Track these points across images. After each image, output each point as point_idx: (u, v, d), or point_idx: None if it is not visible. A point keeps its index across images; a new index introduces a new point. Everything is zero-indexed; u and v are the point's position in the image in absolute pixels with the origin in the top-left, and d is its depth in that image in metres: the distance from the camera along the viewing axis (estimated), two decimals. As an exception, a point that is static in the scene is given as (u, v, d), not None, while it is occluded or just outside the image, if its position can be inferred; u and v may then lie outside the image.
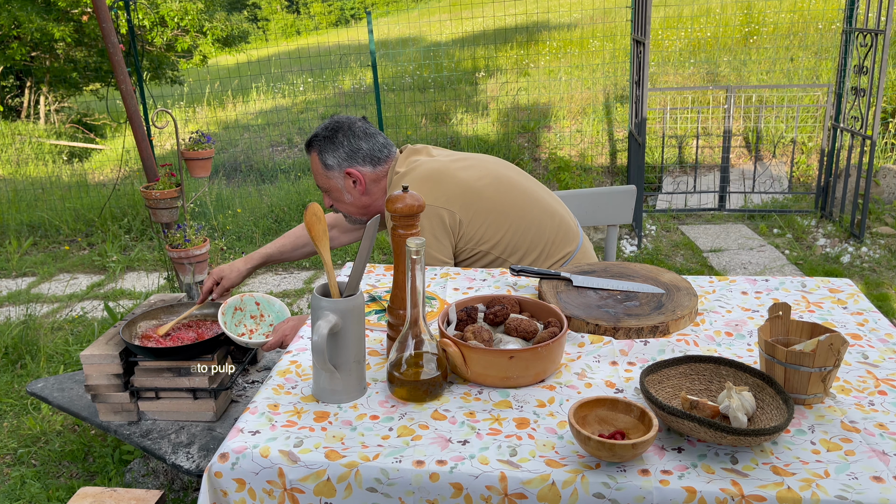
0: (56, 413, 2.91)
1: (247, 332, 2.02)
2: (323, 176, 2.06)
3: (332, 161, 2.03)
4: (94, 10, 2.90)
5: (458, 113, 8.02)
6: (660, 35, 9.13)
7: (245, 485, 1.14)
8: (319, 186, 2.08)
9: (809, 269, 4.23)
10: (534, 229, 2.01)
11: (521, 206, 2.01)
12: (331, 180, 2.05)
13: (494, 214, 1.97)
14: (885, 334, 1.49)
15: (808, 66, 7.80)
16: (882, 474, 1.04)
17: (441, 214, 1.93)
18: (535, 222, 2.02)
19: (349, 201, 2.09)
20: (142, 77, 5.90)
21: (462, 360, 1.30)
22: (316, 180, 2.08)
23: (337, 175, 2.04)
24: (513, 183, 2.05)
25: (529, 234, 2.00)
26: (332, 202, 2.13)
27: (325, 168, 2.04)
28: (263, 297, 2.10)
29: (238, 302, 2.05)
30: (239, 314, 2.04)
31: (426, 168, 1.98)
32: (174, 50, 10.16)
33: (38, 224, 5.68)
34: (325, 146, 2.03)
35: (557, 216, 2.08)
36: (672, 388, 1.26)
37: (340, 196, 2.09)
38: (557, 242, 2.05)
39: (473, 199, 1.96)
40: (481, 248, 1.99)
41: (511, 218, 1.99)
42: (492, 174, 2.03)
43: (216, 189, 6.16)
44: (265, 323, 2.06)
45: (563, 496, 1.05)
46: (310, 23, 28.64)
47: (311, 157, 2.07)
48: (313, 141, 2.05)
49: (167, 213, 2.78)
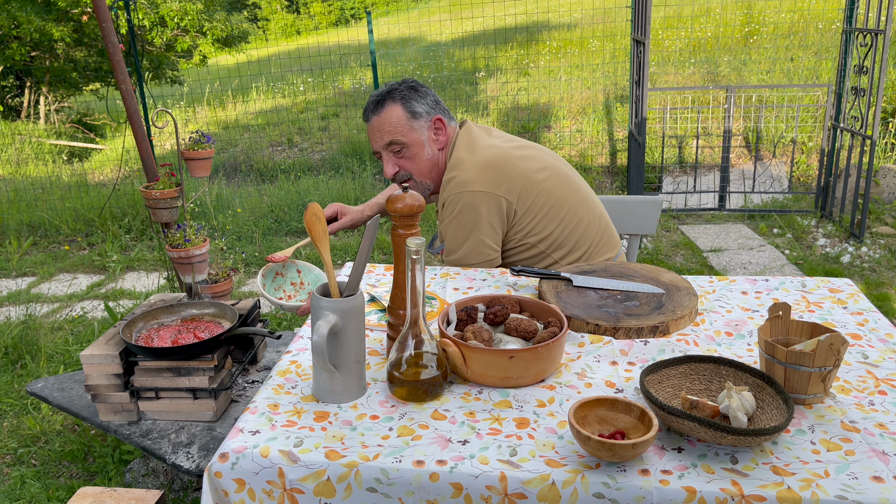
0: (56, 413, 2.91)
1: (285, 297, 2.03)
2: (406, 127, 1.96)
3: (420, 108, 1.97)
4: (94, 10, 2.90)
5: (458, 113, 8.02)
6: (660, 35, 9.13)
7: (245, 485, 1.14)
8: (395, 142, 1.97)
9: (809, 269, 4.23)
10: (581, 229, 2.01)
11: (573, 203, 2.00)
12: (414, 132, 1.97)
13: (548, 208, 1.96)
14: (885, 334, 1.49)
15: (808, 65, 7.80)
16: (882, 474, 1.04)
17: (500, 203, 1.91)
18: (584, 222, 2.02)
19: (427, 157, 2.00)
20: (142, 77, 5.90)
21: (462, 360, 1.30)
22: (392, 136, 1.96)
23: (423, 125, 1.97)
24: (567, 179, 2.04)
25: (577, 234, 2.00)
26: (401, 165, 2.01)
27: (412, 116, 1.96)
28: (305, 265, 2.10)
29: (280, 267, 2.05)
30: (280, 279, 2.04)
31: (488, 154, 1.95)
32: (174, 50, 10.16)
33: (38, 224, 5.68)
34: (410, 95, 1.96)
35: (604, 220, 2.08)
36: (672, 388, 1.26)
37: (419, 151, 1.99)
38: (601, 246, 2.04)
39: (531, 190, 1.94)
40: (529, 241, 1.97)
41: (563, 214, 1.98)
42: (550, 167, 2.01)
43: (216, 189, 6.17)
44: (304, 291, 2.06)
45: (563, 496, 1.05)
46: (310, 23, 28.63)
47: (387, 109, 1.96)
48: (393, 93, 1.96)
49: (167, 212, 2.78)
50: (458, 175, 1.93)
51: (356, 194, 5.70)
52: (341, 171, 6.45)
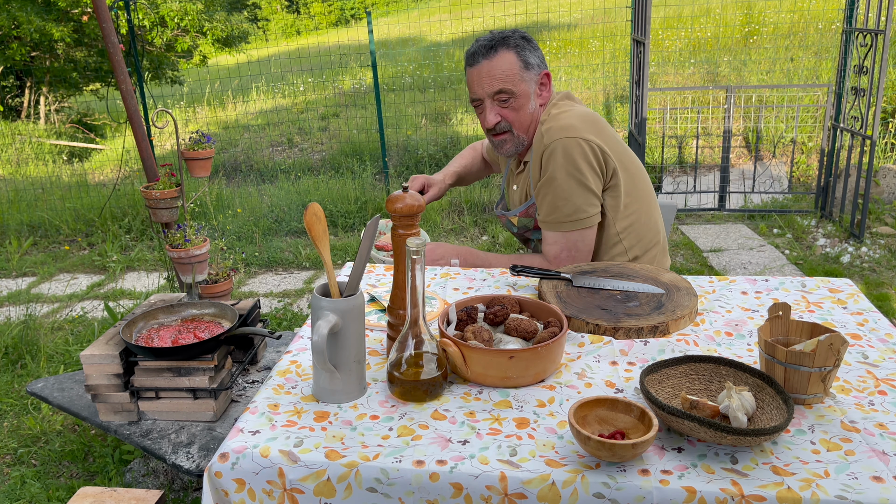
0: (56, 413, 2.91)
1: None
2: (518, 76, 1.89)
3: (533, 60, 1.91)
4: (94, 10, 2.90)
5: (458, 113, 8.02)
6: (660, 35, 9.14)
7: (245, 485, 1.14)
8: (505, 90, 1.89)
9: (809, 269, 4.23)
10: (654, 226, 2.01)
11: (651, 198, 2.01)
12: (524, 82, 1.90)
13: (634, 190, 1.94)
14: (885, 334, 1.49)
15: (808, 66, 7.80)
16: (882, 474, 1.04)
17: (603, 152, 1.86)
18: (656, 220, 2.02)
19: (530, 110, 1.93)
20: (142, 77, 5.90)
21: (462, 360, 1.30)
22: (502, 82, 1.89)
23: (533, 77, 1.92)
24: (647, 179, 2.04)
25: (651, 229, 1.99)
26: (504, 115, 1.93)
27: (525, 67, 1.90)
28: None
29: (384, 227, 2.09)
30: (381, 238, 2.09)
31: (588, 112, 1.93)
32: (174, 50, 10.16)
33: (38, 224, 5.68)
34: (524, 45, 1.90)
35: (663, 228, 2.08)
36: (672, 388, 1.26)
37: (525, 103, 1.92)
38: (657, 256, 2.03)
39: (624, 161, 1.92)
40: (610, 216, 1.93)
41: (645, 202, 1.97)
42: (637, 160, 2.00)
43: (216, 189, 6.16)
44: None
45: (563, 496, 1.05)
46: (310, 23, 28.64)
47: (500, 55, 1.88)
48: (507, 40, 1.89)
49: (167, 213, 2.79)
50: (555, 123, 1.89)
51: (356, 194, 5.70)
52: (341, 171, 6.45)
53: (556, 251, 1.90)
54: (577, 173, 1.84)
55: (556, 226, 1.89)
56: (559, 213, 1.88)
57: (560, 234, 1.89)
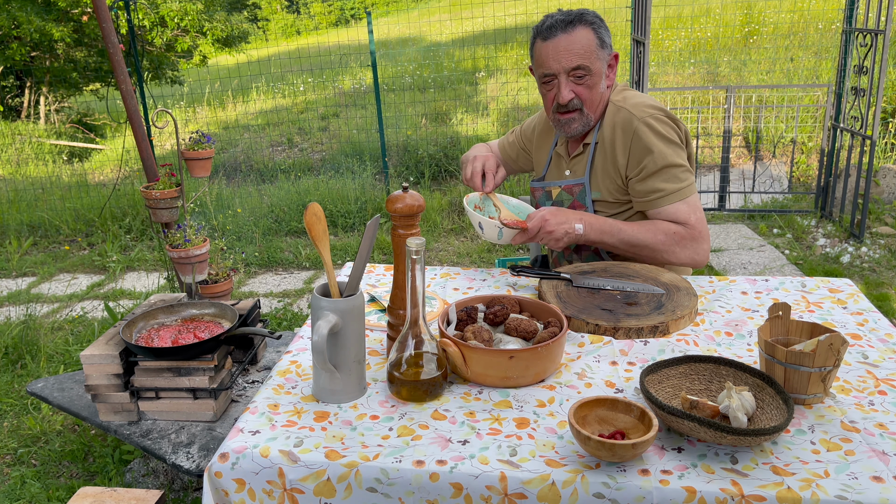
0: (56, 413, 2.91)
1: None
2: (595, 54, 1.85)
3: (608, 39, 1.88)
4: (94, 10, 2.90)
5: (458, 113, 8.02)
6: (660, 35, 9.14)
7: (245, 485, 1.14)
8: (583, 67, 1.84)
9: (809, 269, 4.23)
10: None
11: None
12: (599, 60, 1.87)
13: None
14: (885, 334, 1.49)
15: (808, 66, 7.80)
16: (882, 474, 1.04)
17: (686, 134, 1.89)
18: None
19: (601, 90, 1.90)
20: (142, 77, 5.90)
21: (462, 360, 1.30)
22: (580, 58, 1.84)
23: (605, 57, 1.89)
24: None
25: None
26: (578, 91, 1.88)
27: (601, 45, 1.86)
28: (503, 197, 1.99)
29: (478, 200, 1.94)
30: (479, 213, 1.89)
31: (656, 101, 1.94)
32: (174, 50, 10.16)
33: (38, 224, 5.68)
34: (599, 24, 1.86)
35: None
36: (672, 388, 1.26)
37: (597, 82, 1.89)
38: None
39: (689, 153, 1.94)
40: None
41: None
42: None
43: (216, 189, 6.17)
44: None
45: (563, 496, 1.05)
46: (310, 23, 28.65)
47: (579, 31, 1.83)
48: (585, 16, 1.86)
49: (167, 213, 2.79)
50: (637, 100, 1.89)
51: (356, 194, 5.70)
52: (341, 171, 6.45)
53: (694, 218, 1.85)
54: (674, 146, 1.85)
55: (678, 195, 1.84)
56: (674, 184, 1.84)
57: (683, 203, 1.85)
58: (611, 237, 1.82)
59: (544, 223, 1.75)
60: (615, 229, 1.82)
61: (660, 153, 1.83)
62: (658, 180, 1.84)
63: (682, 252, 1.82)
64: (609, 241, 1.83)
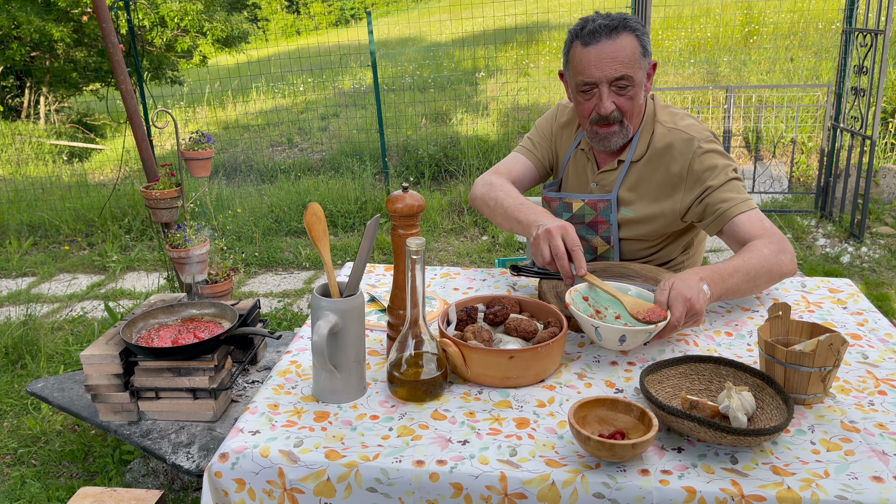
0: (56, 413, 2.91)
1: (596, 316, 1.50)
2: (637, 62, 1.72)
3: (649, 47, 1.75)
4: (94, 10, 2.90)
5: (458, 113, 8.02)
6: (660, 35, 9.14)
7: (245, 485, 1.14)
8: (626, 77, 1.71)
9: (809, 269, 4.23)
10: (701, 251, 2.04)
11: None
12: (641, 70, 1.74)
13: None
14: (885, 334, 1.49)
15: (808, 66, 7.80)
16: (882, 474, 1.04)
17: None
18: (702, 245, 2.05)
19: (640, 101, 1.78)
20: (142, 77, 5.90)
21: (462, 360, 1.30)
22: (626, 68, 1.70)
23: (646, 65, 1.76)
24: None
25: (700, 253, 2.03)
26: (620, 103, 1.75)
27: (643, 54, 1.73)
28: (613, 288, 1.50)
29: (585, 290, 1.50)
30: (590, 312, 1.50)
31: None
32: (174, 50, 10.16)
33: (38, 224, 5.68)
34: (642, 31, 1.73)
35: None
36: (672, 388, 1.26)
37: (638, 93, 1.76)
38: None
39: None
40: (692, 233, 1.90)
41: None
42: None
43: (216, 189, 6.16)
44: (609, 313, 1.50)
45: (563, 496, 1.05)
46: (310, 23, 28.65)
47: (623, 38, 1.69)
48: (629, 21, 1.72)
49: (167, 213, 2.79)
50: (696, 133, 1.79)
51: (356, 194, 5.70)
52: (341, 171, 6.45)
53: (768, 224, 1.72)
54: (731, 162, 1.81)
55: (747, 203, 1.75)
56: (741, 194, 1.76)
57: (754, 211, 1.74)
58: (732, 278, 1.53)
59: (688, 304, 1.38)
60: (730, 268, 1.54)
61: (723, 168, 1.77)
62: (726, 192, 1.75)
63: (785, 258, 1.61)
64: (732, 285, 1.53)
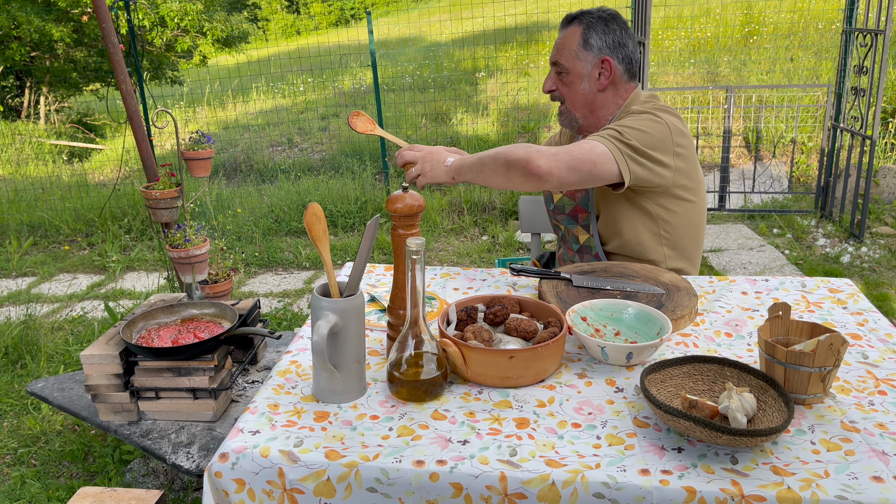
0: (56, 413, 2.91)
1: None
2: (573, 53, 1.86)
3: (595, 42, 1.85)
4: (94, 10, 2.90)
5: (458, 113, 8.03)
6: (660, 35, 9.14)
7: (245, 485, 1.13)
8: (558, 62, 1.89)
9: (809, 269, 4.23)
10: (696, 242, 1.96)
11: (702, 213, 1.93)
12: (578, 61, 1.86)
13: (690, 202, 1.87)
14: (885, 334, 1.49)
15: (808, 66, 7.80)
16: (882, 474, 1.04)
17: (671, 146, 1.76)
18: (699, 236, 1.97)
19: (582, 91, 1.89)
20: (142, 77, 5.90)
21: (462, 360, 1.30)
22: (558, 55, 1.89)
23: (590, 59, 1.86)
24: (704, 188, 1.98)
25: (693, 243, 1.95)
26: (557, 86, 1.93)
27: (583, 46, 1.85)
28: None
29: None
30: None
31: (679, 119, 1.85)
32: (174, 50, 10.16)
33: (38, 224, 5.68)
34: (595, 24, 1.86)
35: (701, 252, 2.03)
36: (674, 388, 1.26)
37: (576, 82, 1.88)
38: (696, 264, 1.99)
39: (693, 173, 1.86)
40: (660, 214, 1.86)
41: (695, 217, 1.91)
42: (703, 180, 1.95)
43: (216, 189, 6.17)
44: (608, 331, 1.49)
45: (563, 496, 1.05)
46: (310, 23, 28.65)
47: (570, 29, 1.87)
48: (583, 16, 1.87)
49: (167, 213, 2.79)
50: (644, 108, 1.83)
51: (356, 194, 5.71)
52: (341, 171, 6.45)
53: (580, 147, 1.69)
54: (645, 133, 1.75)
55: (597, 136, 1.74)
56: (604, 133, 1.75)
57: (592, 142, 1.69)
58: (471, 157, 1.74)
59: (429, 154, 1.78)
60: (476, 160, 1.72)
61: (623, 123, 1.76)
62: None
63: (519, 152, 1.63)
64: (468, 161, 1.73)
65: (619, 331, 1.47)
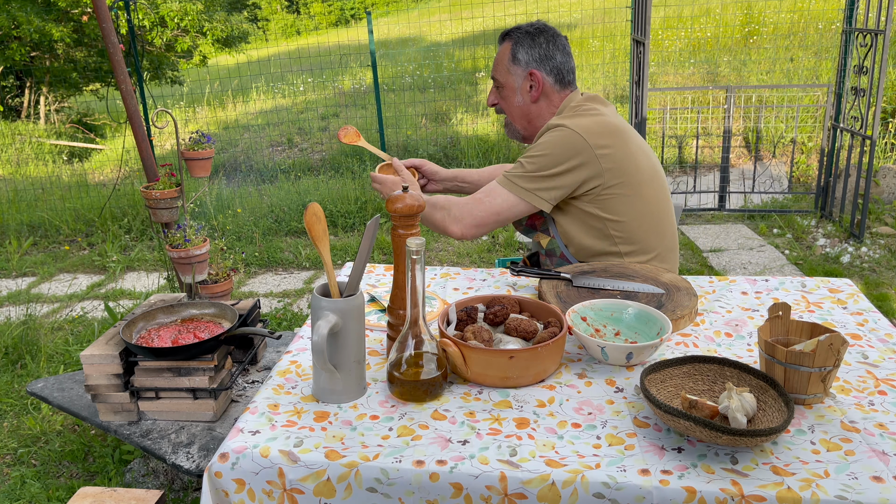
0: (56, 413, 2.91)
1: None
2: (505, 68, 2.00)
3: (522, 56, 1.97)
4: (94, 10, 2.90)
5: (458, 113, 8.03)
6: (660, 35, 9.14)
7: (245, 485, 1.13)
8: (495, 78, 2.04)
9: (809, 269, 4.23)
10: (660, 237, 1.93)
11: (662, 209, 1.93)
12: (510, 75, 1.99)
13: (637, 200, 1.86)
14: (885, 334, 1.49)
15: (808, 66, 7.80)
16: (882, 474, 1.04)
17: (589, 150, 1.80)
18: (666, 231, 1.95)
19: (517, 104, 2.02)
20: (142, 77, 5.90)
21: (462, 360, 1.30)
22: (495, 71, 2.04)
23: (519, 73, 1.99)
24: (664, 183, 1.98)
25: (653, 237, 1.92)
26: (498, 100, 2.07)
27: (512, 61, 1.98)
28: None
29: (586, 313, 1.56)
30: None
31: (606, 120, 1.88)
32: (174, 50, 10.16)
33: (38, 224, 5.68)
34: (522, 40, 1.98)
35: (675, 234, 2.01)
36: (675, 388, 1.26)
37: (511, 95, 2.02)
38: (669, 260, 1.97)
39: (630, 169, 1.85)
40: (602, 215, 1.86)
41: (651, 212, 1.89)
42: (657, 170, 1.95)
43: (216, 189, 6.16)
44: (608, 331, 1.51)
45: (563, 496, 1.05)
46: (310, 23, 28.65)
47: (503, 45, 2.02)
48: (513, 32, 2.00)
49: (167, 213, 2.78)
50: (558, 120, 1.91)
51: (356, 194, 5.70)
52: (341, 171, 6.45)
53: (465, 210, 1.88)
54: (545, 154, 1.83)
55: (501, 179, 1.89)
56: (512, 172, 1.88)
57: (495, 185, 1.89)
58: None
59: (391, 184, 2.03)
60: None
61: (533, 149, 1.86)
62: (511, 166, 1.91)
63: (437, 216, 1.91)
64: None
65: (619, 331, 1.47)
